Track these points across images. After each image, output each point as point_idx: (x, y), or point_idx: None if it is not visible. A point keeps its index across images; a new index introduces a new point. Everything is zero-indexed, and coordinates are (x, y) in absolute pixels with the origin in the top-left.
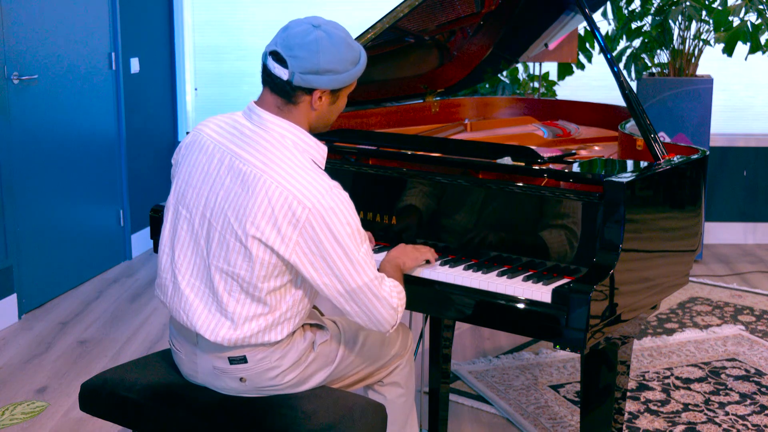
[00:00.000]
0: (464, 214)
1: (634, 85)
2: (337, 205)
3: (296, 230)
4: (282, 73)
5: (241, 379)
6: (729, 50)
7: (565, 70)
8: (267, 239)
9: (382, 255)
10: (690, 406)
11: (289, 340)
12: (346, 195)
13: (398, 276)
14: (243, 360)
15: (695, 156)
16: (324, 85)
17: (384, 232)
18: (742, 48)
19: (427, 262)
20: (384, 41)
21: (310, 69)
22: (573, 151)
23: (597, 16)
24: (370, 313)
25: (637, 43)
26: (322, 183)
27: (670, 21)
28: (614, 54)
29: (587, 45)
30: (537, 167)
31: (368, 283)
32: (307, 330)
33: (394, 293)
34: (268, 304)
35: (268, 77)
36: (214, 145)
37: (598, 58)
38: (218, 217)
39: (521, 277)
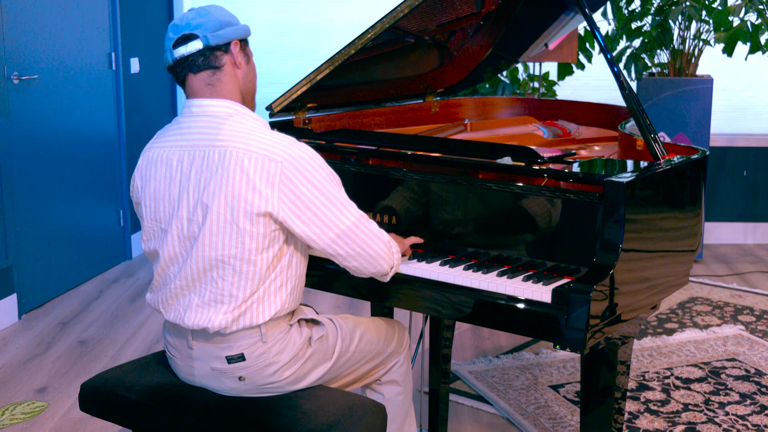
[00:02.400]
0: (464, 214)
1: (634, 85)
2: (306, 153)
3: (275, 188)
4: (196, 44)
5: (240, 378)
6: (729, 50)
7: (565, 70)
8: (251, 206)
9: None
10: (690, 406)
11: (286, 335)
12: (309, 146)
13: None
14: (241, 358)
15: (695, 156)
16: (234, 33)
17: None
18: (742, 48)
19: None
20: (384, 41)
21: (215, 26)
22: (573, 151)
23: (597, 16)
24: (365, 253)
25: (637, 43)
26: (283, 138)
27: (670, 21)
28: (614, 54)
29: (587, 45)
30: (537, 167)
31: (355, 222)
32: (303, 325)
33: (385, 233)
34: (259, 278)
35: (185, 65)
36: (167, 152)
37: (598, 58)
38: (194, 210)
39: (521, 277)
